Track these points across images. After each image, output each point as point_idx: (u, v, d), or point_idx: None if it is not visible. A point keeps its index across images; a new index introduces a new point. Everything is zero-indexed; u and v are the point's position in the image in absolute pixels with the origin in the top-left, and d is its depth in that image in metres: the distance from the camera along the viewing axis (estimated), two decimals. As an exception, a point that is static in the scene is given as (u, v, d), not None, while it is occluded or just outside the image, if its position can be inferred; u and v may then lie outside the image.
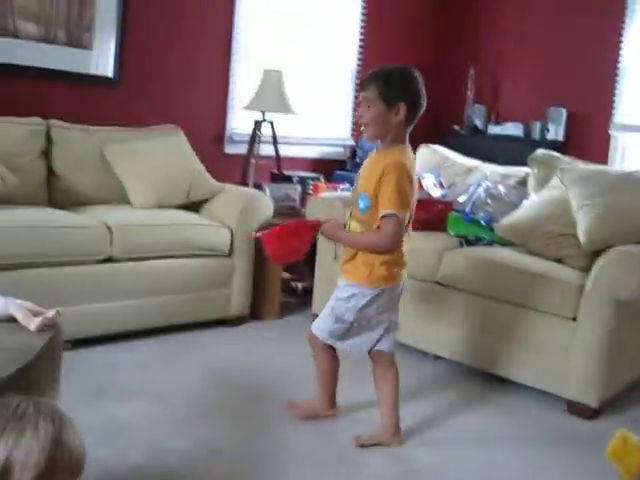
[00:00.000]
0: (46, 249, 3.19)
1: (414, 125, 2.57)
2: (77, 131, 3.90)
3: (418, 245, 3.58)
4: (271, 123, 4.58)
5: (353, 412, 2.95)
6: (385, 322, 2.65)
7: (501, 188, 3.93)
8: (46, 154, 3.77)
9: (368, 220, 2.52)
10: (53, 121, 3.84)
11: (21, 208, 3.40)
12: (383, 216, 2.44)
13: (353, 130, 5.58)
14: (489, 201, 3.87)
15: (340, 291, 2.66)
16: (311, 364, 2.97)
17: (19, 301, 2.11)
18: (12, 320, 2.04)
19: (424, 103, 2.57)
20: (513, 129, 5.43)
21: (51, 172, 3.78)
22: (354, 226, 2.60)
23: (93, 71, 4.25)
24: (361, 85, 2.61)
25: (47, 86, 4.05)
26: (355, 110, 5.59)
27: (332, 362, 2.84)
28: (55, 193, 3.77)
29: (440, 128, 5.80)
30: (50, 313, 2.03)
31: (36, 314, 2.04)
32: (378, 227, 2.48)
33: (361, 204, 2.52)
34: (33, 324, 1.99)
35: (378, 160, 2.53)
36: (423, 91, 2.57)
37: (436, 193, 3.97)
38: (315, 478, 2.41)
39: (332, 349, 2.80)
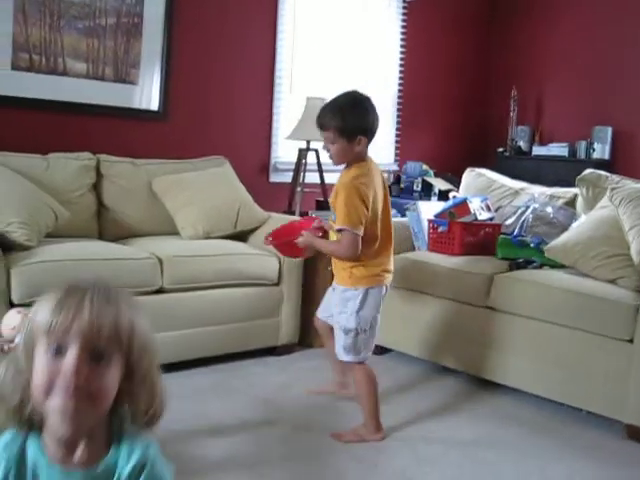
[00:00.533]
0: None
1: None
2: (125, 165, 3.97)
3: (467, 269, 3.58)
4: (316, 151, 4.60)
5: (403, 433, 2.93)
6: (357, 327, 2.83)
7: (549, 209, 3.89)
8: (96, 188, 3.85)
9: None
10: (102, 155, 3.92)
11: (72, 241, 3.46)
12: (339, 230, 2.73)
13: (397, 156, 5.59)
14: (537, 223, 3.83)
15: (337, 303, 2.88)
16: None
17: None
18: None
19: (378, 124, 2.83)
20: (558, 149, 5.40)
21: (101, 205, 3.86)
22: (331, 235, 2.87)
23: (139, 105, 4.34)
24: (319, 123, 2.80)
25: (96, 121, 4.14)
26: (398, 136, 5.60)
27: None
28: (105, 226, 3.85)
29: (484, 151, 5.79)
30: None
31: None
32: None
33: (333, 216, 2.81)
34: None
35: (340, 179, 2.83)
36: (377, 115, 2.82)
37: (483, 216, 3.94)
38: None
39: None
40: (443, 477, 2.62)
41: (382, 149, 5.53)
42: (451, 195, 4.68)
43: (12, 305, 2.95)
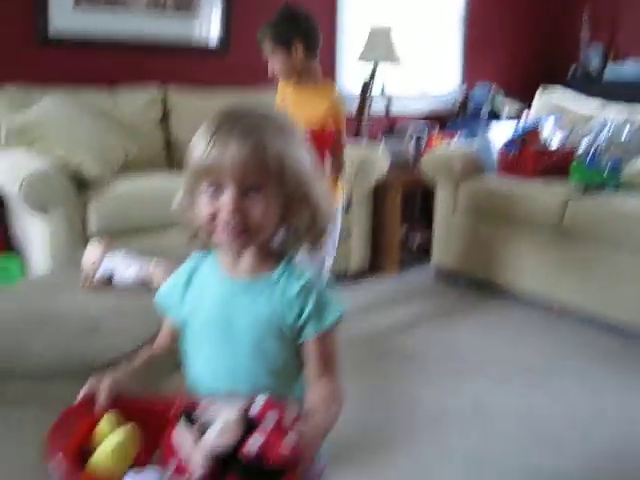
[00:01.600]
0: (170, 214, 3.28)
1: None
2: (192, 96, 3.97)
3: (539, 194, 3.51)
4: (382, 78, 4.52)
5: (477, 357, 2.94)
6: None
7: (625, 132, 3.77)
8: (163, 121, 3.87)
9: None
10: (169, 88, 3.93)
11: (143, 174, 3.49)
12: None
13: (463, 78, 5.45)
14: (612, 146, 3.72)
15: None
16: (431, 317, 2.94)
17: (155, 260, 2.18)
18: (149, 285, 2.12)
19: (317, 33, 2.77)
20: (633, 69, 5.17)
21: (169, 138, 3.87)
22: None
23: (201, 38, 4.30)
24: (257, 40, 2.78)
25: (158, 55, 4.11)
26: (464, 58, 5.46)
27: None
28: (174, 158, 3.87)
29: (554, 72, 5.59)
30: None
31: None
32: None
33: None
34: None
35: (313, 96, 2.76)
36: (313, 21, 2.78)
37: (556, 140, 3.84)
38: (449, 432, 2.42)
39: None
40: (515, 403, 2.63)
41: (447, 71, 5.41)
42: (522, 118, 4.57)
43: (89, 240, 3.02)
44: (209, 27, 4.31)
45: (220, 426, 0.93)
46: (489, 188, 3.76)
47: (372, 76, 4.53)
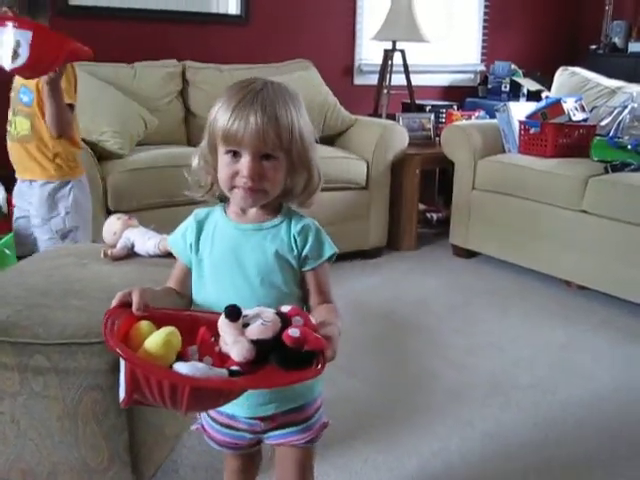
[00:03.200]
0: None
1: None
2: (211, 70, 3.96)
3: (560, 172, 3.49)
4: (402, 52, 4.48)
5: (492, 336, 2.94)
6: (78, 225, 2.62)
7: (648, 109, 3.72)
8: (182, 94, 3.87)
9: (35, 112, 2.48)
10: (188, 62, 3.92)
11: (163, 148, 3.50)
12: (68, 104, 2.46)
13: (483, 55, 5.40)
14: (635, 124, 3.67)
15: (39, 205, 2.59)
16: (449, 294, 2.93)
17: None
18: (169, 255, 2.13)
19: None
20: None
21: (188, 112, 3.87)
22: (21, 121, 2.51)
23: (221, 10, 4.29)
24: None
25: (178, 28, 4.12)
26: (485, 35, 5.41)
27: None
28: (193, 132, 3.86)
29: (575, 49, 5.54)
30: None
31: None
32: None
33: (25, 98, 2.48)
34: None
35: None
36: None
37: (577, 117, 3.80)
38: (467, 407, 2.42)
39: None
40: (532, 379, 2.63)
41: (468, 49, 5.36)
42: (543, 95, 4.53)
43: (109, 212, 3.03)
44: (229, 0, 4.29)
45: (261, 320, 1.10)
46: (508, 165, 3.73)
47: (392, 50, 4.50)
